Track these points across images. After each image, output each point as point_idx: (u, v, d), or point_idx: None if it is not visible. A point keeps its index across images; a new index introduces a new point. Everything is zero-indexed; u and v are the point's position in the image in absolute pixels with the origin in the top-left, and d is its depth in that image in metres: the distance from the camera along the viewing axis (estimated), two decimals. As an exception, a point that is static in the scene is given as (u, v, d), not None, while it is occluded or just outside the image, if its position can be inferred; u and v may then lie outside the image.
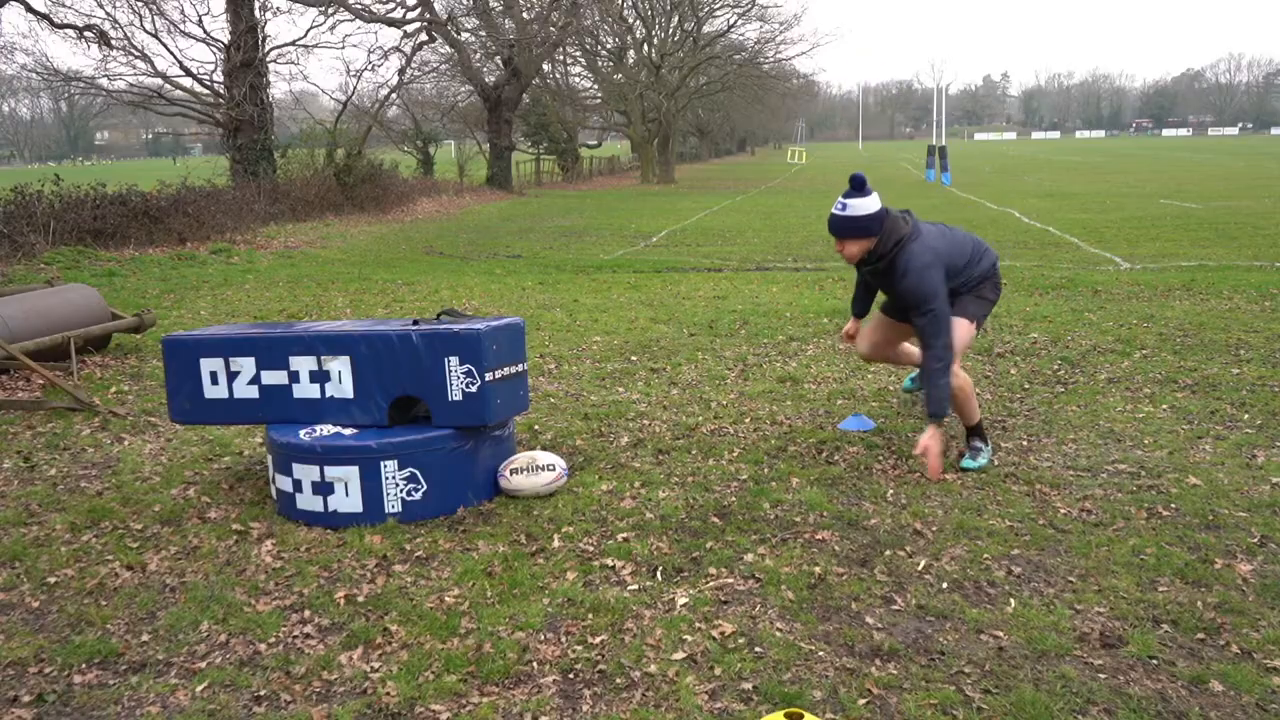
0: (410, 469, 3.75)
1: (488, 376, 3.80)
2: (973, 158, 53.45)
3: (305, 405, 3.99)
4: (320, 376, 3.95)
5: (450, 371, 3.79)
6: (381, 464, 3.72)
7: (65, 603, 3.20)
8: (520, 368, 4.05)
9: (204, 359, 4.09)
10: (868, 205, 4.02)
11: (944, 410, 3.98)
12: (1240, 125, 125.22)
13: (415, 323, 3.98)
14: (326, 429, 3.91)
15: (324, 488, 3.73)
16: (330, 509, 3.74)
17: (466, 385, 3.80)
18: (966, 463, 4.22)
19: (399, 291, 9.94)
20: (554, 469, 4.02)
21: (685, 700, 2.54)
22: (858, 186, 4.03)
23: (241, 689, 2.67)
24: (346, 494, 3.73)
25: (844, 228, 4.05)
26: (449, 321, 3.96)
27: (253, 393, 4.04)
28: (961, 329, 4.14)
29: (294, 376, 3.98)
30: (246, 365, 4.04)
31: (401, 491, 3.75)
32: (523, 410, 4.19)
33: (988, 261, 4.31)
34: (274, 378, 4.00)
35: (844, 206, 4.04)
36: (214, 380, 4.08)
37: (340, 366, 3.91)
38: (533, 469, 3.99)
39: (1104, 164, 40.58)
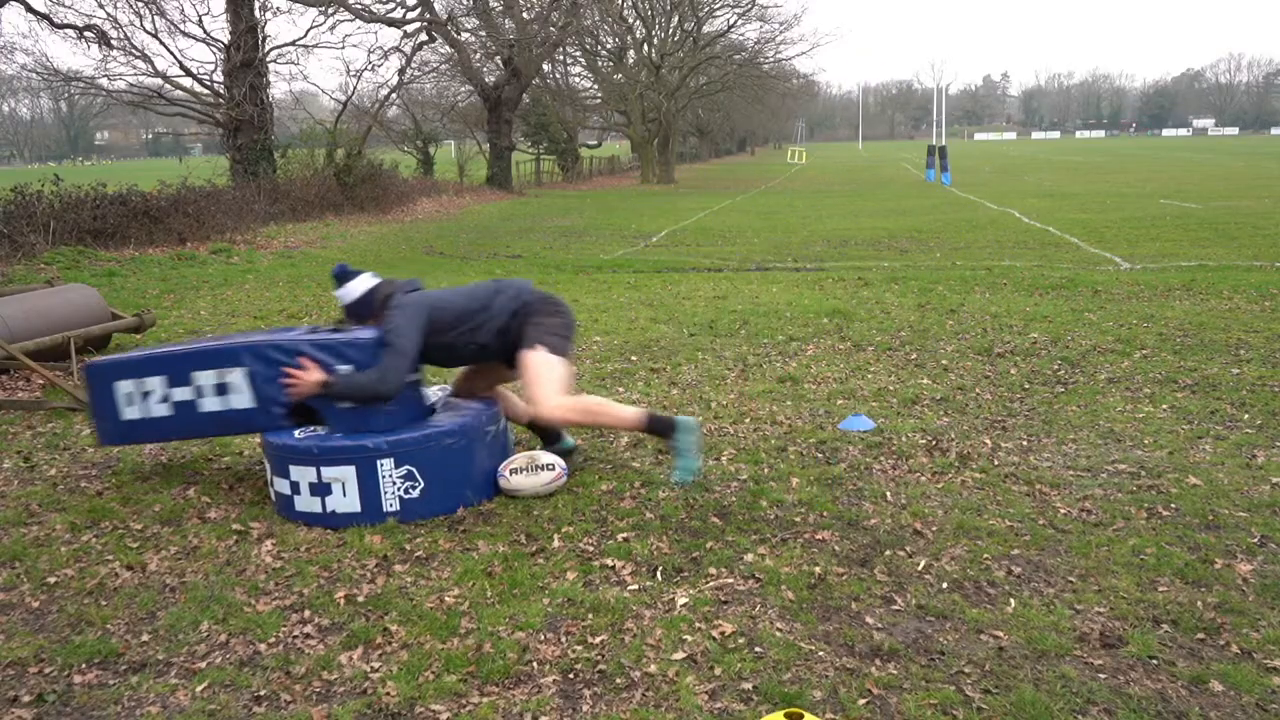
0: (407, 467, 3.75)
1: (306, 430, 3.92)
2: (973, 158, 53.46)
3: (213, 419, 4.10)
4: (222, 389, 4.06)
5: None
6: (378, 463, 3.72)
7: (65, 603, 3.20)
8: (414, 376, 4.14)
9: (119, 382, 4.20)
10: (356, 289, 4.08)
11: (346, 385, 3.84)
12: (1211, 123, 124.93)
13: (313, 330, 4.09)
14: (322, 429, 3.93)
15: (321, 488, 3.73)
16: (329, 509, 3.75)
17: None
18: (677, 477, 4.05)
19: (399, 291, 9.93)
20: (554, 468, 4.02)
21: (685, 700, 2.54)
22: (339, 277, 4.12)
23: (241, 689, 2.67)
24: (344, 494, 3.73)
25: (349, 315, 4.14)
26: (339, 330, 4.06)
27: (165, 410, 4.16)
28: (536, 363, 3.99)
29: (199, 391, 4.10)
30: (157, 384, 4.16)
31: (399, 490, 3.75)
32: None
33: (505, 300, 4.11)
34: (182, 394, 4.13)
35: (339, 298, 4.13)
36: (129, 401, 4.20)
37: (239, 379, 4.02)
38: (532, 468, 3.99)
39: (1104, 164, 40.59)
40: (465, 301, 4.06)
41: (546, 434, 4.43)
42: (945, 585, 3.15)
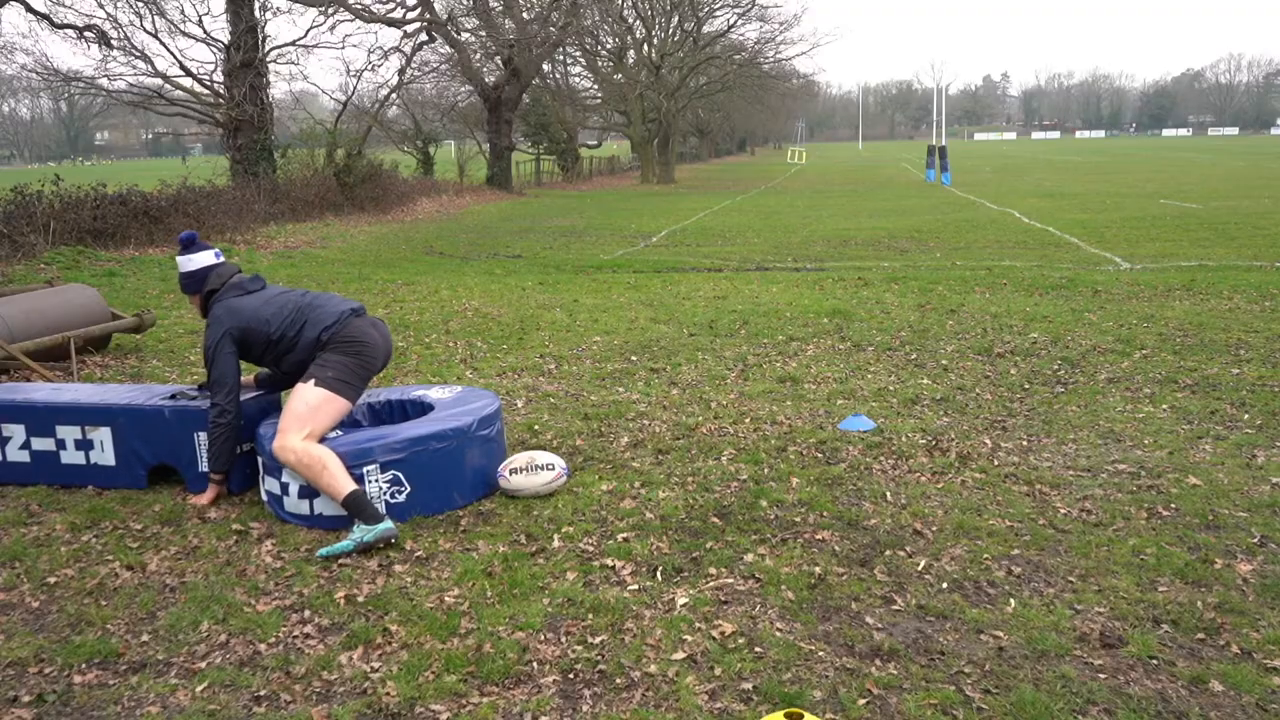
0: (393, 471, 3.75)
1: (245, 447, 4.09)
2: (973, 158, 53.46)
3: (73, 470, 4.29)
4: (85, 445, 4.25)
5: (200, 445, 4.11)
6: (363, 467, 3.72)
7: (65, 603, 3.20)
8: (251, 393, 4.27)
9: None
10: (191, 263, 4.11)
11: (216, 465, 4.00)
12: (1210, 119, 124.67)
13: (172, 397, 4.24)
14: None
15: (309, 491, 3.74)
16: (316, 512, 3.75)
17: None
18: (323, 550, 3.50)
19: (399, 291, 9.95)
20: (553, 468, 4.02)
21: (685, 700, 2.54)
22: (184, 244, 4.12)
23: (241, 689, 2.67)
24: None
25: (181, 281, 4.18)
26: (196, 399, 4.21)
27: (24, 457, 4.34)
28: (302, 398, 3.84)
29: (60, 444, 4.28)
30: (18, 432, 4.33)
31: (385, 494, 3.75)
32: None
33: (313, 330, 3.98)
34: (43, 444, 4.31)
35: (178, 264, 4.16)
36: None
37: (102, 436, 4.22)
38: (532, 469, 3.99)
39: (1104, 164, 40.59)
40: (277, 327, 3.97)
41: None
42: (945, 585, 3.15)
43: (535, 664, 2.74)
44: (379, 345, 4.09)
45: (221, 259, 4.19)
